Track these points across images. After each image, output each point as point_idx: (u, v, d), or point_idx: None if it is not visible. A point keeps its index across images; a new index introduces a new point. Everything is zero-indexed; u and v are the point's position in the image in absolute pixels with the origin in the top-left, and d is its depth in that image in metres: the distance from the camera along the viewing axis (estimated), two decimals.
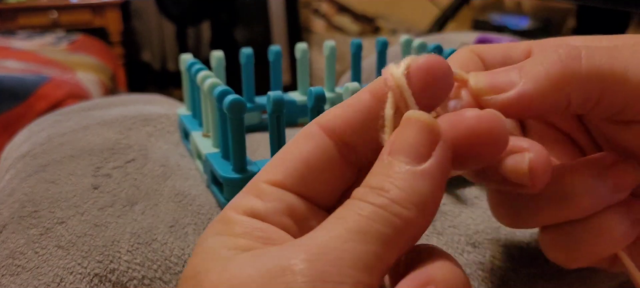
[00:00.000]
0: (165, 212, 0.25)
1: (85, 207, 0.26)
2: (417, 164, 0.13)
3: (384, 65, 0.38)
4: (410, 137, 0.13)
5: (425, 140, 0.13)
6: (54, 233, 0.24)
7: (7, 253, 0.24)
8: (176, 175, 0.28)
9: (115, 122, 0.34)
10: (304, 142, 0.14)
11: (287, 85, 1.63)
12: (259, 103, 0.34)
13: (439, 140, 0.13)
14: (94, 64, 1.38)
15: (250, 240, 0.13)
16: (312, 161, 0.14)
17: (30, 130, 0.36)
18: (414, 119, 0.13)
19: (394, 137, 0.13)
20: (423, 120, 0.13)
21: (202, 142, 0.28)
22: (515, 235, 0.24)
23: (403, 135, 0.13)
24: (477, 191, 0.27)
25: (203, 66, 0.29)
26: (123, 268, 0.22)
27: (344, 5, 1.79)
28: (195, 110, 0.31)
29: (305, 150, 0.14)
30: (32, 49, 1.39)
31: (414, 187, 0.12)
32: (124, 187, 0.27)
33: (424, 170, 0.13)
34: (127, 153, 0.30)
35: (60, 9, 1.70)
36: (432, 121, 0.13)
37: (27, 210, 0.26)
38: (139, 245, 0.23)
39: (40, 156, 0.31)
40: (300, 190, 0.14)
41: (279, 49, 0.34)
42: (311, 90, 0.24)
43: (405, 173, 0.12)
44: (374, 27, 1.75)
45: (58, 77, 1.18)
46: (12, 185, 0.29)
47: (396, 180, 0.12)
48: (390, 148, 0.13)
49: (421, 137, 0.13)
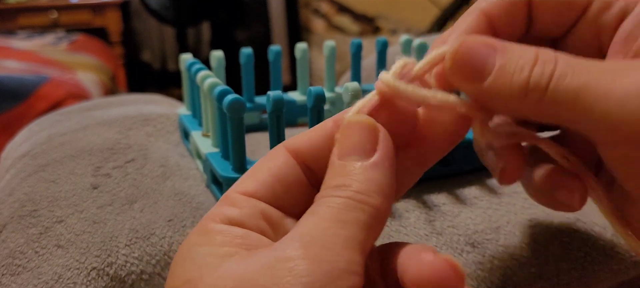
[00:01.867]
0: (164, 208, 0.25)
1: (85, 206, 0.26)
2: (367, 159, 0.14)
3: (384, 65, 0.38)
4: (356, 138, 0.15)
5: (369, 136, 0.15)
6: (54, 233, 0.24)
7: (7, 253, 0.24)
8: (176, 175, 0.28)
9: (115, 122, 0.34)
10: (272, 160, 0.16)
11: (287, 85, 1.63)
12: (258, 103, 0.34)
13: (379, 134, 0.15)
14: (94, 63, 1.38)
15: (232, 247, 0.14)
16: (281, 176, 0.16)
17: (30, 130, 0.36)
18: (354, 122, 0.15)
19: (339, 142, 0.15)
20: (363, 121, 0.15)
21: (202, 141, 0.28)
22: (514, 235, 0.24)
23: (348, 138, 0.15)
24: (476, 191, 0.27)
25: (203, 66, 0.29)
26: (121, 262, 0.22)
27: (344, 5, 1.79)
28: (195, 110, 0.31)
29: (275, 166, 0.16)
30: (32, 48, 1.39)
31: (371, 178, 0.14)
32: (124, 186, 0.27)
33: (374, 162, 0.14)
34: (127, 153, 0.30)
35: (60, 9, 1.70)
36: (370, 120, 0.15)
37: (27, 210, 0.26)
38: (137, 239, 0.23)
39: (40, 156, 0.31)
40: (271, 200, 0.15)
41: (279, 49, 0.34)
42: (311, 90, 0.24)
43: (359, 168, 0.14)
44: (374, 27, 1.75)
45: (58, 77, 1.18)
46: (12, 184, 0.29)
47: (354, 176, 0.14)
48: (338, 153, 0.15)
49: (365, 136, 0.15)
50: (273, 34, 1.88)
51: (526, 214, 0.25)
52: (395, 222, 0.25)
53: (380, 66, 0.38)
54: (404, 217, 0.25)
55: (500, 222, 0.25)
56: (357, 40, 0.36)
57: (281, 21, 1.88)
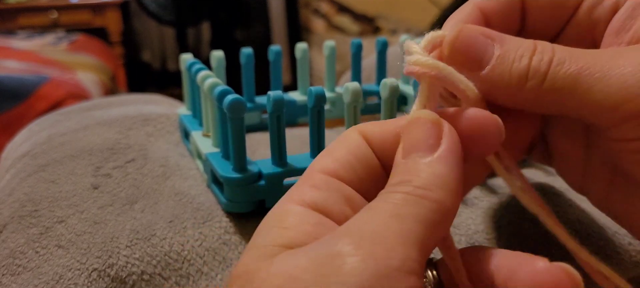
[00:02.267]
0: (164, 209, 0.25)
1: (85, 206, 0.26)
2: (431, 154, 0.14)
3: (384, 65, 0.38)
4: (419, 133, 0.14)
5: (432, 131, 0.14)
6: (54, 233, 0.24)
7: (8, 253, 0.24)
8: (176, 175, 0.28)
9: (115, 122, 0.34)
10: (348, 141, 0.15)
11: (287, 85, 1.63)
12: (259, 103, 0.34)
13: (443, 129, 0.14)
14: (94, 63, 1.38)
15: (301, 236, 0.13)
16: (360, 156, 0.15)
17: (30, 130, 0.36)
18: (416, 118, 0.15)
19: (403, 140, 0.14)
20: (425, 116, 0.14)
21: (202, 141, 0.28)
22: (515, 236, 0.24)
23: (411, 135, 0.14)
24: (477, 191, 0.27)
25: (203, 66, 0.29)
26: (122, 263, 0.22)
27: (344, 5, 1.79)
28: (195, 110, 0.31)
29: (353, 146, 0.15)
30: (32, 49, 1.39)
31: (434, 172, 0.13)
32: (124, 186, 0.27)
33: (439, 156, 0.14)
34: (127, 153, 0.30)
35: (60, 9, 1.70)
36: (433, 115, 0.14)
37: (27, 210, 0.26)
38: (138, 240, 0.23)
39: (40, 156, 0.31)
40: (353, 183, 0.15)
41: (279, 49, 0.34)
42: (311, 89, 0.24)
43: (422, 163, 0.14)
44: (374, 27, 1.75)
45: (58, 77, 1.18)
46: (12, 184, 0.29)
47: (416, 172, 0.13)
48: (402, 151, 0.14)
49: (428, 131, 0.14)
50: (273, 34, 1.88)
51: (527, 214, 0.25)
52: None
53: (380, 66, 0.38)
54: None
55: (501, 222, 0.25)
56: (357, 40, 0.36)
57: (281, 21, 1.88)
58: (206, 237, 0.24)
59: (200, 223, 0.24)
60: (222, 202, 0.25)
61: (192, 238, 0.23)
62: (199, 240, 0.23)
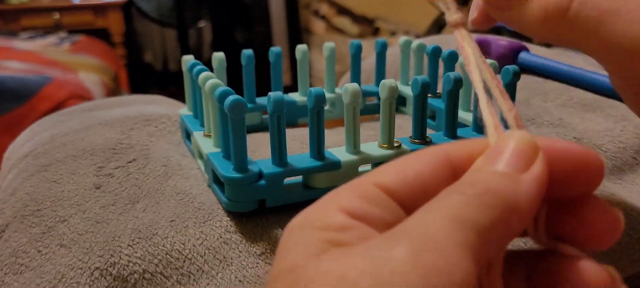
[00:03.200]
0: (166, 208, 0.26)
1: (87, 206, 0.26)
2: (519, 172, 0.13)
3: (383, 66, 0.38)
4: (509, 151, 0.13)
5: (526, 154, 0.13)
6: (56, 232, 0.25)
7: (10, 252, 0.24)
8: (177, 175, 0.29)
9: (117, 122, 0.34)
10: (426, 161, 0.14)
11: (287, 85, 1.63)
12: (259, 103, 0.35)
13: (538, 153, 0.13)
14: (96, 64, 1.39)
15: (346, 237, 0.12)
16: (425, 180, 0.14)
17: (32, 131, 0.36)
18: (513, 137, 0.13)
19: (489, 152, 0.13)
20: (523, 137, 0.13)
21: (203, 141, 0.28)
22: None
23: (501, 150, 0.13)
24: None
25: (204, 67, 0.29)
26: (124, 262, 0.23)
27: (344, 7, 1.80)
28: (196, 111, 0.32)
29: (427, 170, 0.14)
30: (34, 49, 1.39)
31: (512, 186, 0.12)
32: (126, 186, 0.27)
33: (523, 177, 0.12)
34: (129, 153, 0.31)
35: (63, 10, 1.70)
36: (531, 138, 0.13)
37: (29, 209, 0.26)
38: (140, 239, 0.23)
39: (42, 156, 0.31)
40: (408, 204, 0.13)
41: (280, 50, 0.35)
42: (311, 91, 0.24)
43: (501, 175, 0.12)
44: (374, 28, 1.75)
45: (60, 78, 1.19)
46: (15, 184, 0.29)
47: (491, 178, 0.12)
48: (483, 162, 0.13)
49: (521, 152, 0.13)
50: (274, 35, 1.89)
51: None
52: None
53: (380, 67, 0.38)
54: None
55: None
56: (357, 41, 0.37)
57: (282, 23, 1.89)
58: (207, 236, 0.24)
59: (201, 223, 0.25)
60: (223, 201, 0.25)
61: (193, 237, 0.24)
62: (200, 239, 0.24)
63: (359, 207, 0.13)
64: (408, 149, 0.27)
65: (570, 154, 0.13)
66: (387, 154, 0.26)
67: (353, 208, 0.13)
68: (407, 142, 0.27)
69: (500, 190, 0.12)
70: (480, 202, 0.12)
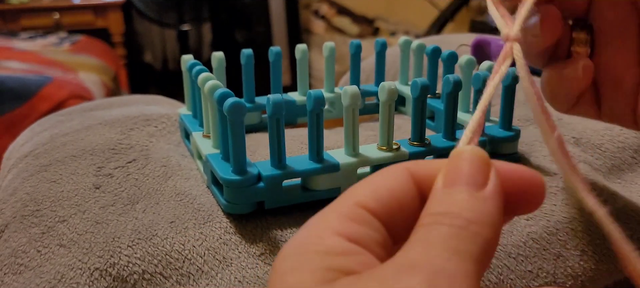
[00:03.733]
0: (166, 209, 0.26)
1: (87, 206, 0.26)
2: (478, 190, 0.13)
3: (383, 66, 0.38)
4: (466, 168, 0.14)
5: (481, 168, 0.14)
6: (56, 232, 0.25)
7: (10, 252, 0.24)
8: (177, 175, 0.29)
9: (116, 122, 0.34)
10: (392, 177, 0.14)
11: (287, 85, 1.64)
12: (259, 103, 0.35)
13: (491, 168, 0.14)
14: (96, 64, 1.39)
15: (350, 263, 0.12)
16: (397, 197, 0.14)
17: (32, 131, 0.36)
18: (462, 151, 0.14)
19: (447, 171, 0.14)
20: (475, 152, 0.14)
21: (202, 142, 0.28)
22: (511, 234, 0.24)
23: (456, 167, 0.14)
24: None
25: (203, 67, 0.29)
26: (123, 263, 0.23)
27: (344, 6, 1.80)
28: (195, 111, 0.32)
29: (395, 187, 0.14)
30: (34, 49, 1.39)
31: (483, 209, 0.13)
32: (126, 186, 0.27)
33: (486, 194, 0.13)
34: (129, 154, 0.31)
35: (63, 10, 1.71)
36: (482, 152, 0.14)
37: (29, 209, 0.26)
38: (140, 240, 0.24)
39: (42, 156, 0.31)
40: (386, 221, 0.14)
41: (279, 50, 0.35)
42: (310, 93, 0.24)
43: (470, 198, 0.13)
44: (373, 28, 1.75)
45: (60, 78, 1.19)
46: (15, 184, 0.29)
47: (465, 204, 0.13)
48: (444, 181, 0.14)
49: (476, 167, 0.14)
50: (273, 35, 1.89)
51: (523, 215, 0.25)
52: None
53: (379, 67, 0.38)
54: None
55: None
56: (357, 41, 0.37)
57: (281, 22, 1.89)
58: (207, 237, 0.24)
59: (201, 224, 0.25)
60: (222, 203, 0.25)
61: (193, 238, 0.24)
62: (200, 240, 0.24)
63: (355, 230, 0.13)
64: (407, 152, 0.27)
65: (515, 176, 0.14)
66: (386, 157, 0.26)
67: (349, 232, 0.13)
68: (406, 144, 0.27)
69: (479, 216, 0.13)
70: (470, 234, 0.12)
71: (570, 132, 0.32)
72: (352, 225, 0.13)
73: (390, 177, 0.14)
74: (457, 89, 0.27)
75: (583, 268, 0.24)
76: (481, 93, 0.16)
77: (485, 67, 0.30)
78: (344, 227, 0.13)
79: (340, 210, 0.14)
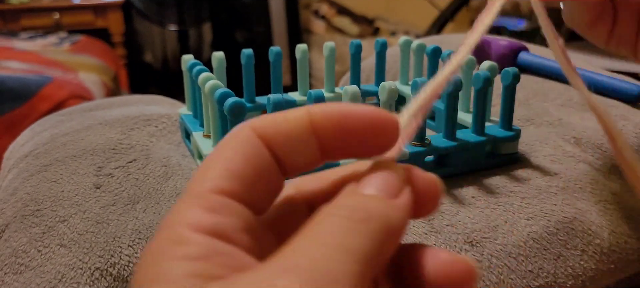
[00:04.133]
0: (166, 209, 0.26)
1: (87, 206, 0.26)
2: (389, 198, 0.13)
3: (383, 65, 0.38)
4: (384, 177, 0.14)
5: (397, 183, 0.14)
6: (56, 232, 0.25)
7: (10, 252, 0.24)
8: (177, 175, 0.29)
9: (117, 122, 0.34)
10: (241, 145, 0.13)
11: (287, 85, 1.64)
12: (259, 103, 0.35)
13: (406, 187, 0.14)
14: (96, 64, 1.39)
15: (214, 267, 0.11)
16: (254, 165, 0.13)
17: (32, 131, 0.36)
18: (384, 163, 0.14)
19: (367, 177, 0.14)
20: (395, 166, 0.14)
21: (203, 142, 0.28)
22: (512, 234, 0.25)
23: (376, 175, 0.14)
24: (474, 191, 0.27)
25: (204, 67, 0.29)
26: (124, 263, 0.23)
27: (344, 6, 1.80)
28: (196, 111, 0.32)
29: (249, 154, 0.13)
30: (34, 49, 1.39)
31: (389, 213, 0.13)
32: (126, 186, 0.28)
33: (396, 203, 0.13)
34: (129, 153, 0.31)
35: (63, 10, 1.71)
36: (402, 170, 0.14)
37: (29, 209, 0.26)
38: (140, 240, 0.24)
39: (42, 156, 0.31)
40: (246, 199, 0.13)
41: (279, 50, 0.35)
42: (311, 93, 0.24)
43: (379, 201, 0.13)
44: (374, 28, 1.76)
45: (61, 78, 1.19)
46: (15, 184, 0.29)
47: (372, 202, 0.13)
48: (361, 184, 0.14)
49: (393, 179, 0.14)
50: (274, 35, 1.89)
51: (523, 213, 0.25)
52: None
53: (380, 67, 0.38)
54: None
55: (498, 221, 0.25)
56: (357, 41, 0.37)
57: (282, 22, 1.89)
58: None
59: None
60: None
61: None
62: None
63: (215, 221, 0.12)
64: (407, 152, 0.27)
65: (365, 116, 0.14)
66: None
67: (208, 226, 0.12)
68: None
69: (382, 217, 0.12)
70: (366, 230, 0.12)
71: (571, 132, 0.32)
72: (211, 217, 0.12)
73: (240, 145, 0.13)
74: (458, 89, 0.27)
75: (583, 268, 0.24)
76: (481, 93, 0.16)
77: (485, 67, 0.30)
78: (201, 220, 0.12)
79: (196, 201, 0.12)
